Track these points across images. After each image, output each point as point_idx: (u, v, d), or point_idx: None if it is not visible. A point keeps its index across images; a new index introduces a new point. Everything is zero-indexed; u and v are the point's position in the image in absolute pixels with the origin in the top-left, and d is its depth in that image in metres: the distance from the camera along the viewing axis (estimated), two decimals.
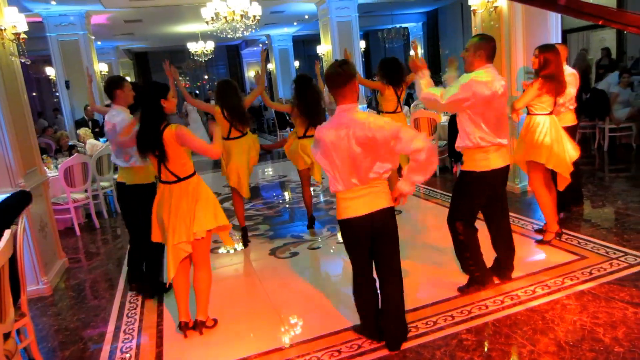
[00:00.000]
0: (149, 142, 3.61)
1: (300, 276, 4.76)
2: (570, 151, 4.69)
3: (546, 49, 4.54)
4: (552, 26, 6.41)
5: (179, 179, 3.66)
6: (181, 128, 3.61)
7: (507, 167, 3.97)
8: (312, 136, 5.18)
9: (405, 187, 3.27)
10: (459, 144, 3.95)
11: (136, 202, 4.52)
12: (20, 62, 5.33)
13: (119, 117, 4.50)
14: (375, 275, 3.44)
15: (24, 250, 3.66)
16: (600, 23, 3.21)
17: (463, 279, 4.21)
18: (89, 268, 5.80)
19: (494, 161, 3.85)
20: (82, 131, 9.37)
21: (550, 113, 4.63)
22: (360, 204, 3.23)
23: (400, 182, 3.29)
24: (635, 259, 4.29)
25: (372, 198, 3.24)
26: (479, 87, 3.65)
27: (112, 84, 4.66)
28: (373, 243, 3.33)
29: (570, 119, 5.35)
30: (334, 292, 4.33)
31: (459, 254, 4.12)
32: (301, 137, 5.76)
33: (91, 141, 8.90)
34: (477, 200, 3.99)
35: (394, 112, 6.51)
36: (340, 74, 3.21)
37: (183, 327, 3.85)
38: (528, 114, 4.74)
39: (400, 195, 3.32)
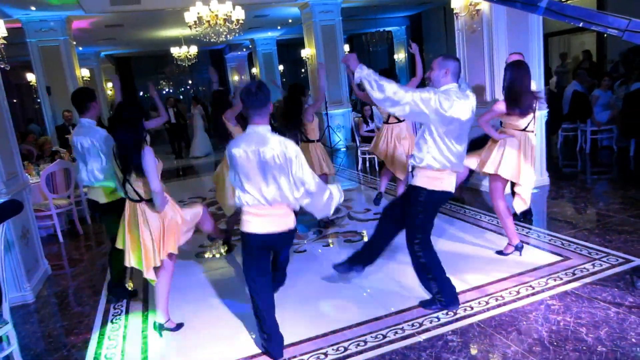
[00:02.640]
0: (136, 162, 3.67)
1: (285, 279, 4.75)
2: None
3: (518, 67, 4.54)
4: (533, 29, 6.49)
5: (141, 199, 3.77)
6: (147, 150, 3.67)
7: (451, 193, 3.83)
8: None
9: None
10: (413, 161, 3.80)
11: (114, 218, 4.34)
12: (0, 67, 5.27)
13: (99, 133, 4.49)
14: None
15: (6, 258, 3.62)
16: (580, 25, 3.25)
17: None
18: (73, 275, 5.73)
19: (447, 183, 3.73)
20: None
21: (525, 129, 4.63)
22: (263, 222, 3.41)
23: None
24: (617, 260, 4.35)
25: (274, 219, 3.41)
26: (444, 103, 3.50)
27: (88, 96, 4.56)
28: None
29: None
30: (319, 295, 4.33)
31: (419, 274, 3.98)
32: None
33: None
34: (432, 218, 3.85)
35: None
36: (259, 96, 3.32)
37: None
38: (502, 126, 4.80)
39: None
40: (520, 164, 4.58)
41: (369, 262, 4.33)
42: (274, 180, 3.30)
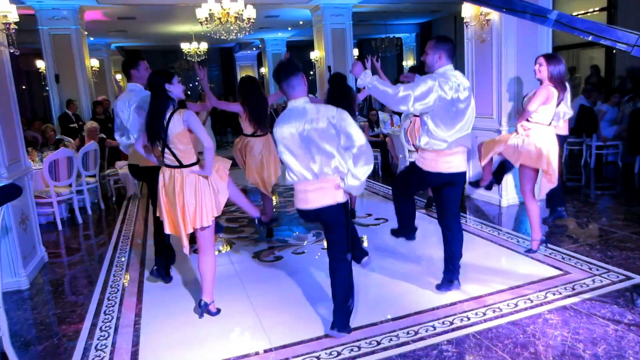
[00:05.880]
0: (157, 128, 3.69)
1: (282, 280, 4.72)
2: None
3: (553, 58, 4.64)
4: (542, 42, 6.46)
5: (181, 165, 3.77)
6: (190, 112, 3.72)
7: (460, 173, 3.99)
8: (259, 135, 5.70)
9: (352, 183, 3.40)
10: (417, 142, 4.01)
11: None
12: (10, 52, 5.26)
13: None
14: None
15: (2, 242, 3.60)
16: (589, 39, 3.23)
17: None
18: (69, 263, 5.72)
19: (454, 164, 3.90)
20: (89, 124, 9.04)
21: (550, 124, 4.65)
22: (312, 197, 3.43)
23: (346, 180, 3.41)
24: (618, 276, 4.30)
25: (321, 193, 3.40)
26: (441, 88, 3.68)
27: (130, 65, 4.73)
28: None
29: (563, 129, 5.39)
30: (315, 298, 4.28)
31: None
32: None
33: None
34: (416, 187, 4.46)
35: None
36: (287, 68, 3.36)
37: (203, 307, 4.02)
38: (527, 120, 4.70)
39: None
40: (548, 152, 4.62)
41: (413, 230, 4.60)
42: (319, 151, 3.30)
